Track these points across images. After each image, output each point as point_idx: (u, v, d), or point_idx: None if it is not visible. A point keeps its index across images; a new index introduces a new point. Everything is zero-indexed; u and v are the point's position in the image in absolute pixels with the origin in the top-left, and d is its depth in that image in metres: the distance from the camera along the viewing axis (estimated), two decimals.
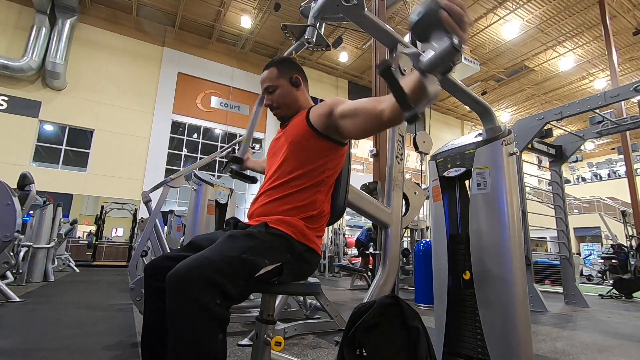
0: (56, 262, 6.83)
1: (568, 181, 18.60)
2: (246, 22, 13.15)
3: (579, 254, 12.93)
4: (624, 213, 8.31)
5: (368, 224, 7.73)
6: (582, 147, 5.77)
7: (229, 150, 3.37)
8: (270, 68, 1.27)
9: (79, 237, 12.09)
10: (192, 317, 0.80)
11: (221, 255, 0.89)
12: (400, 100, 0.76)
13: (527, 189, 5.10)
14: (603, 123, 5.13)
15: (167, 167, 13.19)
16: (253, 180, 1.66)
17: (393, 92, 0.77)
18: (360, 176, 15.27)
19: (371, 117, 0.98)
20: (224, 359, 0.85)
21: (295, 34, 1.48)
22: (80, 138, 12.36)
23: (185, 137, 14.17)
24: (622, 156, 9.82)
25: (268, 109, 1.30)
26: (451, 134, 19.27)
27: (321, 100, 1.20)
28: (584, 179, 21.33)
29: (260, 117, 1.70)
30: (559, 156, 5.25)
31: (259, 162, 1.65)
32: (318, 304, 2.77)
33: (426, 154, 1.41)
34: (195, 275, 0.82)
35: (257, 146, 14.93)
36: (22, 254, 4.82)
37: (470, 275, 1.56)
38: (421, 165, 1.47)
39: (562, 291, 5.00)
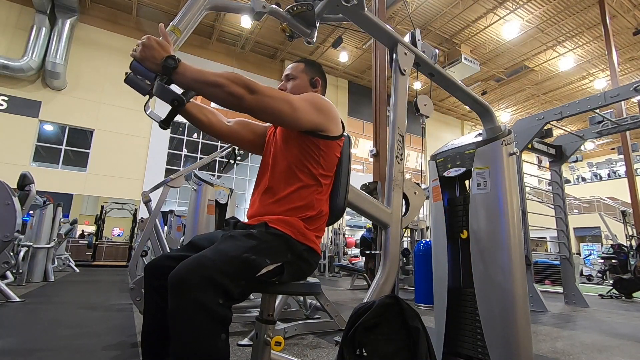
0: (56, 262, 6.84)
1: (568, 181, 18.60)
2: (246, 22, 13.15)
3: (579, 254, 12.93)
4: (624, 213, 8.31)
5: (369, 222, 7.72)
6: (582, 147, 5.76)
7: (228, 150, 3.37)
8: (300, 62, 1.36)
9: (81, 236, 12.09)
10: (195, 318, 0.80)
11: (223, 255, 0.89)
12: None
13: (527, 189, 5.10)
14: (603, 123, 5.13)
15: (167, 167, 13.19)
16: (166, 122, 1.07)
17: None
18: (360, 176, 15.27)
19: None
20: (227, 359, 0.85)
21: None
22: (80, 138, 12.36)
23: (185, 137, 14.17)
24: (622, 156, 9.82)
25: None
26: (451, 134, 19.27)
27: None
28: (584, 179, 21.33)
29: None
30: (559, 156, 5.25)
31: (200, 107, 1.22)
32: (318, 304, 2.77)
33: (427, 116, 1.40)
34: (197, 276, 0.82)
35: None
36: (22, 254, 4.82)
37: (468, 235, 1.57)
38: (422, 124, 1.46)
39: (562, 291, 5.00)
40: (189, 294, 0.81)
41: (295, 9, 1.29)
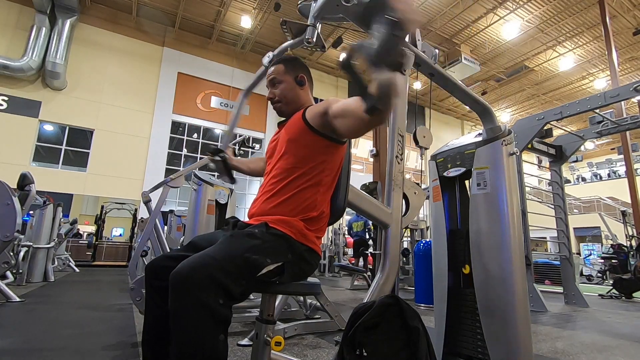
0: (56, 262, 6.83)
1: (568, 181, 18.60)
2: (246, 22, 13.15)
3: (579, 254, 12.93)
4: (624, 213, 8.31)
5: (357, 222, 7.72)
6: (582, 147, 5.76)
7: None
8: (278, 64, 1.30)
9: (77, 235, 12.05)
10: (196, 317, 0.80)
11: (224, 255, 0.89)
12: (361, 92, 0.76)
13: (527, 189, 5.10)
14: (603, 123, 5.13)
15: (167, 167, 13.19)
16: (233, 179, 1.50)
17: (355, 85, 0.76)
18: (360, 176, 15.26)
19: (356, 117, 0.99)
20: (226, 359, 0.85)
21: (294, 30, 1.48)
22: (80, 138, 12.36)
23: (185, 137, 14.17)
24: (622, 156, 9.81)
25: (267, 109, 1.31)
26: (451, 134, 19.26)
27: (321, 100, 1.20)
28: (584, 179, 21.33)
29: (260, 117, 1.67)
30: (559, 156, 5.25)
31: (245, 162, 1.56)
32: (318, 304, 2.77)
33: (426, 148, 1.41)
34: (199, 275, 0.82)
35: (257, 146, 14.92)
36: (22, 254, 4.82)
37: (470, 269, 1.56)
38: (421, 159, 1.47)
39: (562, 291, 5.00)
40: (190, 293, 0.80)
41: (289, 33, 1.32)
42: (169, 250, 2.72)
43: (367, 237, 7.35)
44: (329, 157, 1.15)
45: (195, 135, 14.47)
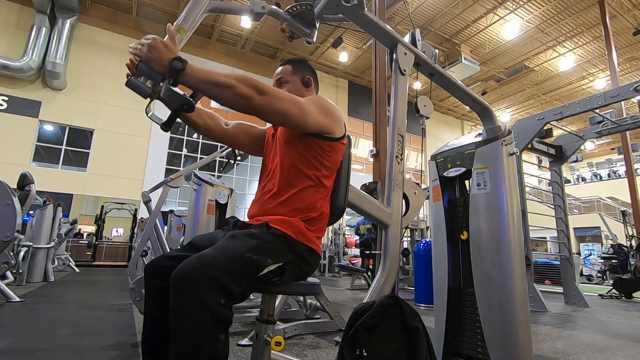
0: (56, 262, 6.83)
1: (568, 181, 18.58)
2: (246, 22, 13.16)
3: (579, 254, 12.92)
4: (624, 213, 8.31)
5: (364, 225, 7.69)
6: (582, 147, 5.76)
7: (228, 150, 3.37)
8: (286, 65, 1.32)
9: (77, 234, 12.05)
10: (196, 317, 0.80)
11: (225, 255, 0.89)
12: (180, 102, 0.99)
13: (527, 189, 5.10)
14: (603, 123, 5.12)
15: (167, 167, 13.19)
16: (169, 127, 1.03)
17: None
18: (360, 176, 15.27)
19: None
20: (226, 359, 0.85)
21: (295, 10, 1.45)
22: (80, 138, 12.36)
23: (185, 137, 14.17)
24: (622, 156, 9.81)
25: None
26: (451, 134, 19.27)
27: None
28: (584, 179, 21.34)
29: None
30: (559, 156, 5.25)
31: (198, 110, 1.21)
32: (318, 304, 2.77)
33: (427, 117, 1.40)
34: (200, 275, 0.82)
35: None
36: (22, 254, 4.82)
37: (468, 236, 1.57)
38: (422, 125, 1.45)
39: (562, 291, 5.00)
40: (191, 293, 0.80)
41: (294, 9, 1.29)
42: (169, 250, 2.72)
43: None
44: (327, 156, 1.15)
45: (195, 135, 14.46)
